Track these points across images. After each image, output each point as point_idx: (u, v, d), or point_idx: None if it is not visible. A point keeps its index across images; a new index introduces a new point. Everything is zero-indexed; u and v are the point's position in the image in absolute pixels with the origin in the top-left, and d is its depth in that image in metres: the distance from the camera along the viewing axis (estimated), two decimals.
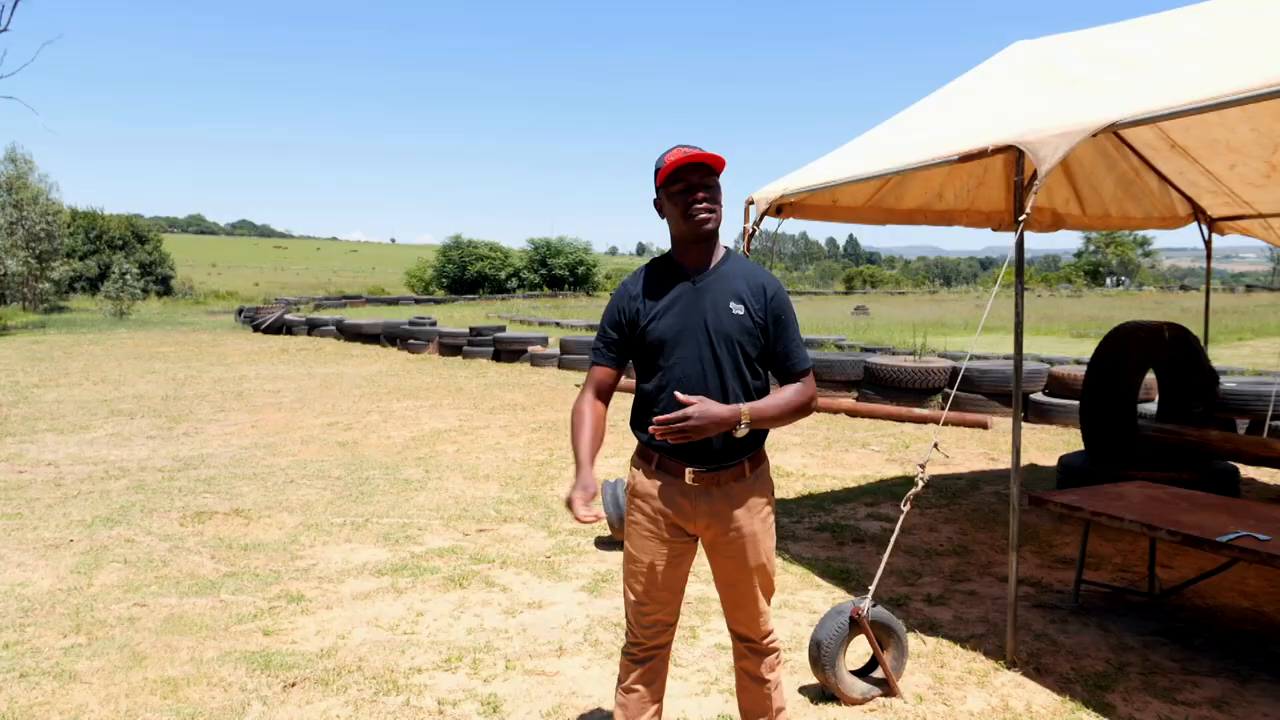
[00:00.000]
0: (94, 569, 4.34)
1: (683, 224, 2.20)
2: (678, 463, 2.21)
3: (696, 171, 2.17)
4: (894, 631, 3.02)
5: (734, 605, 2.38)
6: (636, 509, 2.29)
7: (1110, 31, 4.69)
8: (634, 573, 2.31)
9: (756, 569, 2.31)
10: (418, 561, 4.50)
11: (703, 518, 2.24)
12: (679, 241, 2.27)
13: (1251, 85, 2.74)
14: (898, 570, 4.42)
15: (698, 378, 2.18)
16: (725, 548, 2.28)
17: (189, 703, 2.96)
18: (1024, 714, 2.89)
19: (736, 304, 2.24)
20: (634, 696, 2.35)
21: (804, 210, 5.15)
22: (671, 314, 2.21)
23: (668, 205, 2.22)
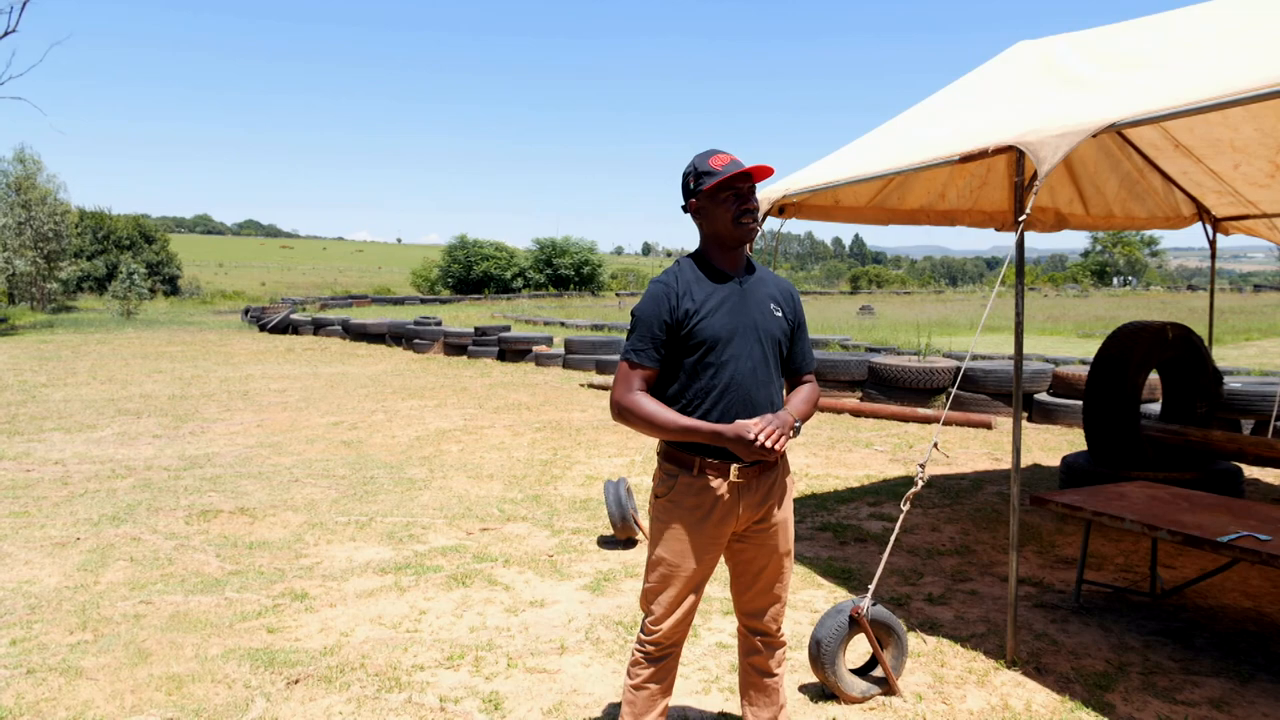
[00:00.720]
0: (100, 567, 4.37)
1: (731, 229, 2.26)
2: (723, 463, 2.24)
3: (746, 181, 2.26)
4: (894, 630, 3.03)
5: (759, 594, 2.43)
6: (681, 514, 2.28)
7: (1113, 31, 4.69)
8: (673, 577, 2.30)
9: (785, 554, 2.41)
10: (421, 560, 4.53)
11: (746, 511, 2.29)
12: (718, 244, 2.32)
13: (1253, 85, 2.74)
14: (899, 570, 4.43)
15: (749, 374, 2.25)
16: (760, 536, 2.35)
17: (193, 699, 2.99)
18: (1023, 713, 2.90)
19: (775, 306, 2.36)
20: (644, 694, 2.37)
21: (807, 210, 5.16)
22: (723, 312, 2.25)
23: (713, 209, 2.27)
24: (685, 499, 2.26)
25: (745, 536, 2.35)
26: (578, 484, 6.28)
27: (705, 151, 2.31)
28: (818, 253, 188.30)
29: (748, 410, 2.21)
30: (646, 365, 2.24)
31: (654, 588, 2.34)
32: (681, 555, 2.28)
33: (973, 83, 5.02)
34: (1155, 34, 4.26)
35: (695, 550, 2.28)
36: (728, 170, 2.22)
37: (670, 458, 2.30)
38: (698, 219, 2.33)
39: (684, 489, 2.26)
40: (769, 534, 2.36)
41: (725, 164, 2.24)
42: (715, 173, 2.24)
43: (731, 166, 2.23)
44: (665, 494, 2.31)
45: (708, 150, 2.30)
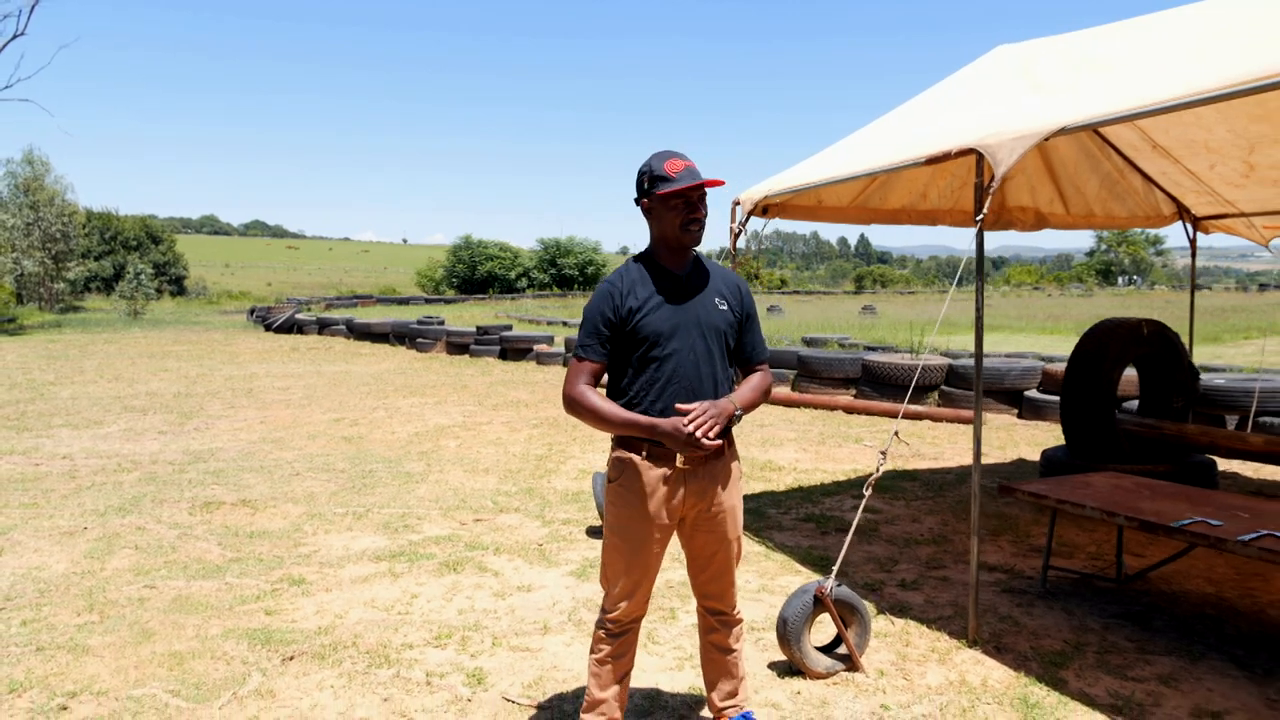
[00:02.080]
0: (107, 554, 4.55)
1: (678, 233, 2.38)
2: (667, 450, 2.34)
3: (698, 190, 2.37)
4: (857, 610, 3.18)
5: (711, 579, 2.55)
6: (630, 498, 2.39)
7: (1091, 35, 4.82)
8: (628, 561, 2.42)
9: (735, 540, 2.53)
10: (415, 548, 4.69)
11: (691, 498, 2.40)
12: (665, 245, 2.43)
13: (1204, 88, 2.86)
14: (876, 558, 4.58)
15: (692, 367, 2.37)
16: (708, 524, 2.46)
17: (194, 673, 3.16)
18: (979, 688, 3.05)
19: (720, 301, 2.47)
20: (607, 668, 2.51)
21: (789, 210, 5.31)
22: (665, 309, 2.37)
23: (664, 213, 2.37)
24: (634, 484, 2.38)
25: (695, 523, 2.46)
26: (571, 477, 6.44)
27: (661, 153, 2.39)
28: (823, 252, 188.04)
29: (691, 400, 2.34)
30: (593, 359, 2.38)
31: (609, 569, 2.47)
32: (631, 538, 2.40)
33: (952, 85, 5.17)
34: (1133, 38, 4.38)
35: (644, 534, 2.40)
36: (682, 180, 2.33)
37: (621, 444, 2.43)
38: (648, 218, 2.44)
39: (633, 475, 2.38)
40: (717, 521, 2.46)
41: (680, 171, 2.34)
42: (670, 179, 2.33)
43: (686, 176, 2.33)
44: (616, 479, 2.43)
45: (664, 152, 2.38)
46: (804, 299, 45.83)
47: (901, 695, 3.00)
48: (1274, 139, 5.12)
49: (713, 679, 2.68)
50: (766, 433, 8.33)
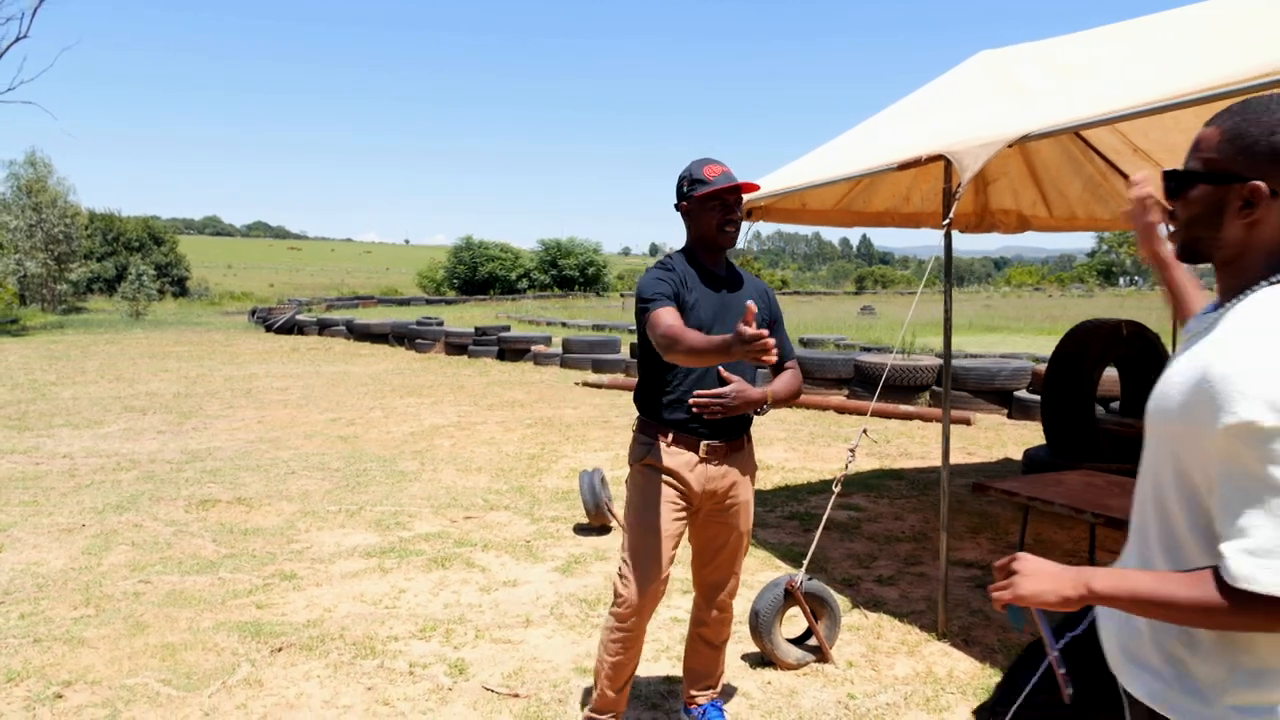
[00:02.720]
0: (103, 550, 4.66)
1: (715, 235, 2.49)
2: (693, 438, 2.45)
3: (734, 194, 2.48)
4: (827, 603, 3.28)
5: (717, 569, 2.65)
6: (658, 485, 2.46)
7: (1072, 40, 4.91)
8: (653, 548, 2.45)
9: (745, 533, 2.64)
10: (405, 545, 4.80)
11: (711, 485, 2.49)
12: (703, 246, 2.54)
13: (1169, 94, 2.94)
14: (856, 554, 4.68)
15: (734, 364, 2.42)
16: (723, 514, 2.56)
17: (185, 664, 3.27)
18: (945, 679, 3.15)
19: (752, 303, 2.54)
20: (622, 662, 2.53)
21: (774, 214, 5.41)
22: (709, 301, 2.48)
23: (702, 214, 2.48)
24: (657, 464, 2.47)
25: (710, 513, 2.55)
26: (562, 476, 6.54)
27: (701, 159, 2.51)
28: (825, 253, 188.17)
29: None
30: (669, 304, 2.36)
31: (636, 553, 2.49)
32: (664, 525, 2.47)
33: (934, 90, 5.26)
34: (1112, 43, 4.46)
35: (675, 521, 2.48)
36: (718, 183, 2.43)
37: (645, 429, 2.52)
38: (686, 220, 2.56)
39: (656, 459, 2.47)
40: (731, 512, 2.56)
41: (717, 175, 2.45)
42: (708, 182, 2.44)
43: (722, 179, 2.44)
44: (640, 459, 2.51)
45: (704, 159, 2.52)
46: (804, 299, 45.94)
47: (868, 685, 3.10)
48: None
49: (694, 672, 2.75)
50: (757, 432, 8.42)
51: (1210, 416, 1.11)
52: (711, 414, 2.38)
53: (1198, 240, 1.28)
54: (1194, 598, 1.14)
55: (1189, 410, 1.16)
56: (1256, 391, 1.08)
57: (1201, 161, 1.25)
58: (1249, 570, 1.08)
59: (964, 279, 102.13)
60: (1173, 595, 1.15)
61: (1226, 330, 1.18)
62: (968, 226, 6.05)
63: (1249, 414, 1.07)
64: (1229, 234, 1.23)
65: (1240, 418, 1.08)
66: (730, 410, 2.38)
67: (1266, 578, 1.07)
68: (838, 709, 2.92)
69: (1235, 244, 1.23)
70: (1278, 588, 1.07)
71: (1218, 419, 1.10)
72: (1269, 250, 1.21)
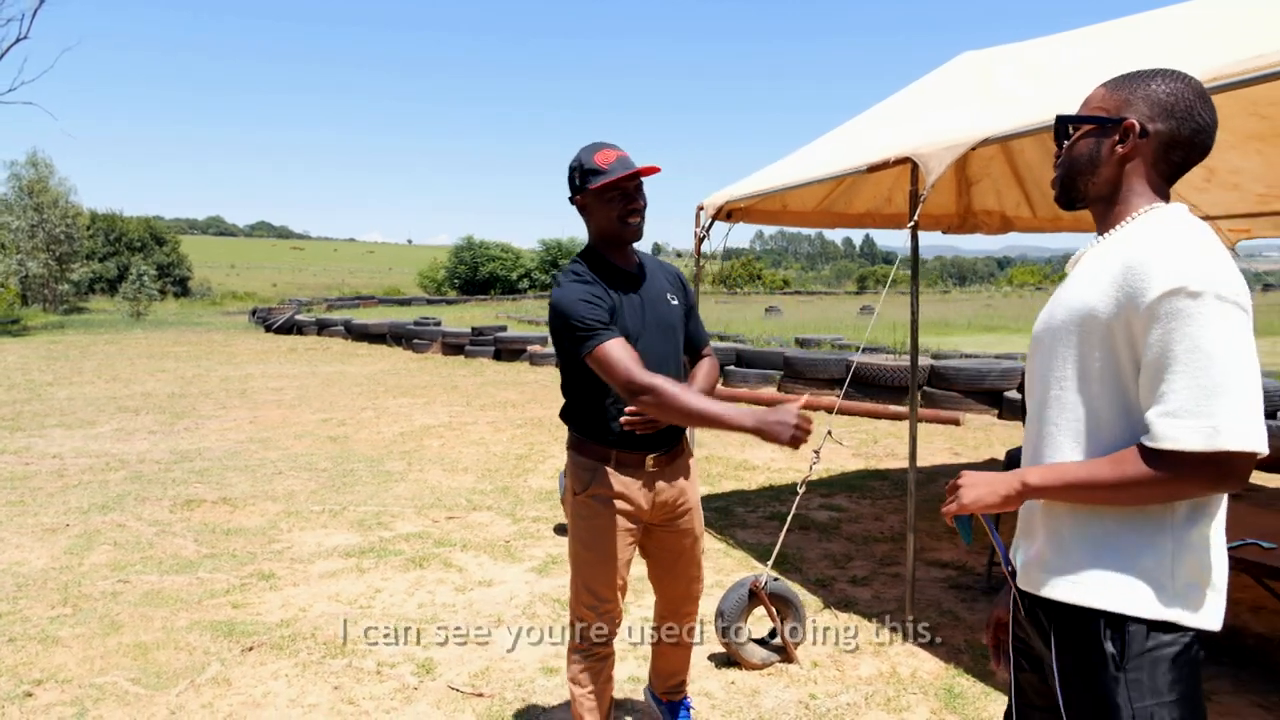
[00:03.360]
0: (86, 550, 4.69)
1: (618, 228, 2.25)
2: (637, 454, 2.30)
3: (633, 180, 2.24)
4: (792, 603, 3.30)
5: (678, 578, 2.53)
6: (604, 510, 2.31)
7: (1056, 40, 4.91)
8: (606, 575, 2.33)
9: (699, 536, 2.54)
10: (385, 545, 4.82)
11: (661, 498, 2.37)
12: (608, 242, 2.31)
13: None
14: (832, 555, 4.70)
15: (659, 368, 2.23)
16: (675, 523, 2.45)
17: (156, 663, 3.30)
18: (908, 679, 3.16)
19: (671, 296, 2.40)
20: (602, 692, 2.42)
21: (754, 215, 5.43)
22: (629, 310, 2.27)
23: (600, 207, 2.24)
24: (606, 493, 2.30)
25: (666, 524, 2.43)
26: (547, 476, 6.56)
27: (591, 145, 2.26)
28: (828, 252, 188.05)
29: None
30: (617, 335, 2.15)
31: (593, 585, 2.35)
32: (610, 548, 2.32)
33: (915, 91, 5.27)
34: (1093, 44, 4.45)
35: (620, 543, 2.33)
36: (615, 171, 2.19)
37: (584, 451, 2.34)
38: (584, 216, 2.31)
39: (604, 483, 2.30)
40: (684, 519, 2.45)
41: (612, 162, 2.21)
42: (603, 171, 2.20)
43: (619, 166, 2.20)
44: (585, 490, 2.33)
45: (594, 144, 2.26)
46: (805, 299, 45.94)
47: (831, 685, 3.12)
48: (1231, 144, 5.21)
49: (667, 672, 2.71)
50: (744, 434, 8.43)
51: (1137, 296, 1.24)
52: (644, 429, 2.25)
53: (1076, 179, 1.45)
54: (1123, 473, 1.25)
55: (1111, 302, 1.28)
56: (1180, 265, 1.22)
57: (1088, 110, 1.45)
58: (1171, 431, 1.19)
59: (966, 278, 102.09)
60: (1101, 475, 1.27)
61: (1127, 239, 1.34)
62: (950, 227, 6.06)
63: (1177, 281, 1.20)
64: (1105, 171, 1.41)
65: (1170, 285, 1.20)
66: (661, 424, 2.26)
67: (1187, 436, 1.18)
68: (798, 709, 2.94)
69: (1110, 181, 1.41)
70: (1199, 444, 1.17)
71: (1145, 293, 1.23)
72: (1139, 188, 1.39)
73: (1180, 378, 1.19)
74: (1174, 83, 1.37)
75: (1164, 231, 1.30)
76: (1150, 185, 1.39)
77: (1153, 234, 1.31)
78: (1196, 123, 1.36)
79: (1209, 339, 1.18)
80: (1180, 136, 1.36)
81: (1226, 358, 1.18)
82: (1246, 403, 1.18)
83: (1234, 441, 1.17)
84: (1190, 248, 1.24)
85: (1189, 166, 1.39)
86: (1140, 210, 1.38)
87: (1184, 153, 1.38)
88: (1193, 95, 1.36)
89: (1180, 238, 1.27)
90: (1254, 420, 1.18)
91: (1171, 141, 1.36)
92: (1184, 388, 1.19)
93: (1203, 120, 1.36)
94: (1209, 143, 1.37)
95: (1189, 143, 1.37)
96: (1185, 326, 1.19)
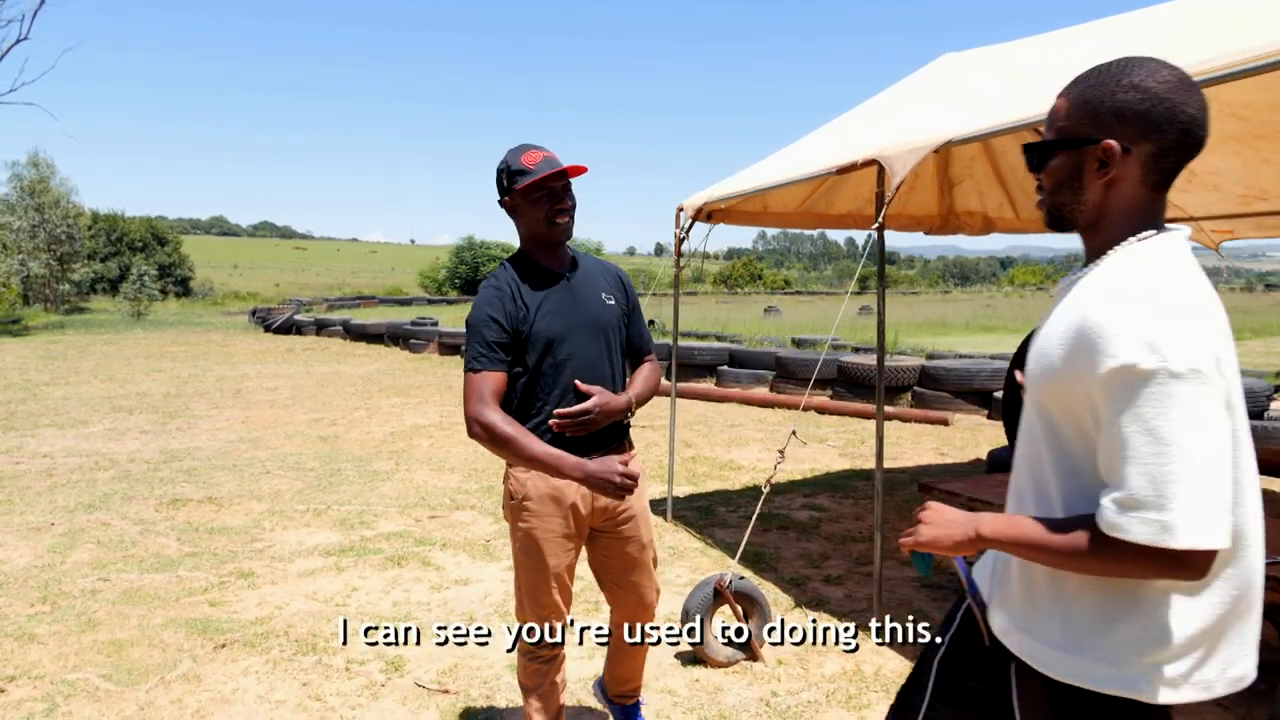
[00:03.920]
0: (69, 549, 4.73)
1: (545, 229, 2.26)
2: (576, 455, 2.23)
3: (560, 179, 2.24)
4: (757, 601, 3.33)
5: (631, 589, 2.47)
6: (540, 516, 2.28)
7: (1035, 41, 4.92)
8: (546, 583, 2.31)
9: (650, 543, 2.47)
10: (365, 544, 4.86)
11: (601, 502, 2.32)
12: (536, 244, 2.31)
13: None
14: (809, 554, 4.72)
15: (590, 369, 2.27)
16: (621, 529, 2.39)
17: (129, 660, 3.33)
18: (871, 676, 3.19)
19: (608, 296, 2.38)
20: (550, 694, 2.42)
21: (735, 216, 5.45)
22: (554, 312, 2.25)
23: (527, 208, 2.25)
24: (543, 498, 2.28)
25: (606, 531, 2.39)
26: None
27: (517, 147, 2.27)
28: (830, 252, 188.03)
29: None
30: (492, 368, 2.20)
31: (536, 594, 2.34)
32: (551, 557, 2.30)
33: (894, 93, 5.30)
34: (1077, 43, 4.46)
35: (562, 551, 2.31)
36: (540, 170, 2.19)
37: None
38: (514, 218, 2.33)
39: (540, 489, 2.27)
40: (629, 525, 2.39)
41: (538, 162, 2.21)
42: (529, 171, 2.20)
43: (544, 166, 2.20)
44: (520, 499, 2.31)
45: (520, 146, 2.27)
46: (805, 299, 45.93)
47: (794, 683, 3.15)
48: (1210, 146, 5.04)
49: (622, 677, 2.70)
50: (734, 433, 8.47)
51: (1090, 364, 1.16)
52: (574, 432, 2.22)
53: (1062, 206, 1.34)
54: (1073, 544, 1.19)
55: (1068, 362, 1.20)
56: (1133, 335, 1.12)
57: (1056, 131, 1.31)
58: (1120, 521, 1.13)
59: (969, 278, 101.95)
60: (1049, 540, 1.21)
61: (1097, 285, 1.24)
62: (933, 228, 6.08)
63: (1128, 357, 1.11)
64: (1089, 197, 1.29)
65: (1120, 360, 1.12)
66: (594, 426, 2.24)
67: (1135, 528, 1.11)
68: (759, 705, 2.97)
69: (1096, 206, 1.29)
70: (1147, 539, 1.10)
71: (1097, 364, 1.14)
72: (1128, 210, 1.27)
73: (1132, 465, 1.11)
74: (1146, 80, 1.21)
75: (1130, 283, 1.19)
76: (1139, 204, 1.27)
77: (1118, 285, 1.20)
78: (1181, 122, 1.21)
79: (1163, 425, 1.09)
80: (1167, 143, 1.22)
81: (1181, 444, 1.09)
82: (1202, 496, 1.09)
83: (1185, 540, 1.09)
84: (1152, 311, 1.13)
85: (1185, 164, 1.25)
86: (1128, 241, 1.26)
87: (1176, 158, 1.24)
88: (1168, 90, 1.21)
89: (1146, 295, 1.16)
90: (1209, 514, 1.09)
91: (1158, 152, 1.22)
92: (1136, 474, 1.11)
93: (1187, 114, 1.21)
94: (1201, 133, 1.22)
95: (1179, 146, 1.22)
96: (1137, 408, 1.11)
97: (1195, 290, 1.19)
